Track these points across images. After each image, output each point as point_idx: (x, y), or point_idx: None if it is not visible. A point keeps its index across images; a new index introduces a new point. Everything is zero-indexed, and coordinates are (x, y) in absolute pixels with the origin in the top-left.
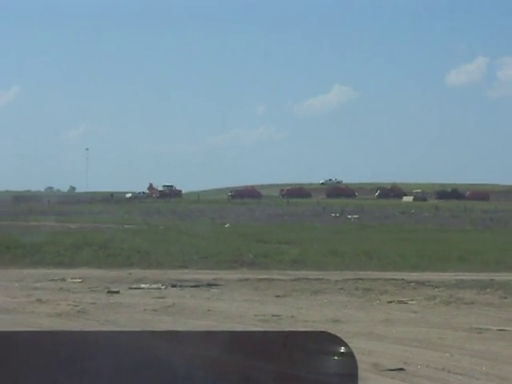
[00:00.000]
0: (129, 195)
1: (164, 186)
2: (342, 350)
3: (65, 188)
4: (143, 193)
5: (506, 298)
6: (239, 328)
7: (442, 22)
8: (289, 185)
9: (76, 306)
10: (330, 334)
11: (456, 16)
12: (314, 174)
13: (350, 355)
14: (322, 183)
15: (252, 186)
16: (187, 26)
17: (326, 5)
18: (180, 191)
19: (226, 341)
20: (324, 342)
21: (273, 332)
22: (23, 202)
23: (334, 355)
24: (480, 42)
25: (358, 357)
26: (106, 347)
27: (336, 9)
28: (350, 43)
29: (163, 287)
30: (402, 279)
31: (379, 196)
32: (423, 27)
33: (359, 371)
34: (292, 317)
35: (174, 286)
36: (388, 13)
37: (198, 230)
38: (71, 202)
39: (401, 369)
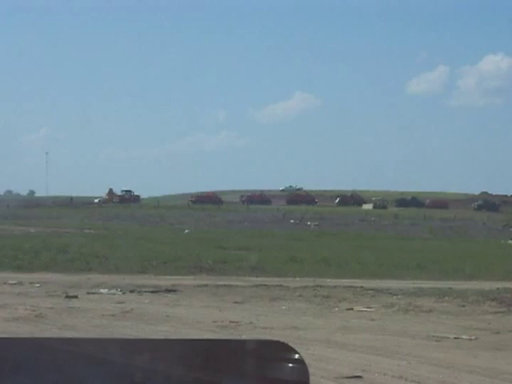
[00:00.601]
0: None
1: (122, 190)
2: (294, 358)
3: (24, 192)
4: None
5: (463, 306)
6: (197, 334)
7: (404, 31)
8: (249, 191)
9: (34, 310)
10: (281, 342)
11: (417, 25)
12: (274, 181)
13: (301, 363)
14: (283, 190)
15: (213, 192)
16: (148, 29)
17: (289, 11)
18: (138, 196)
19: (177, 349)
20: (276, 350)
21: (224, 340)
22: None
23: (286, 363)
24: (441, 50)
25: (315, 364)
26: (61, 353)
27: (298, 16)
28: (311, 51)
29: (122, 292)
30: (361, 287)
31: (339, 203)
32: (385, 36)
33: (317, 379)
34: (250, 323)
35: (132, 291)
36: (350, 21)
37: (158, 236)
38: (30, 206)
39: (358, 376)
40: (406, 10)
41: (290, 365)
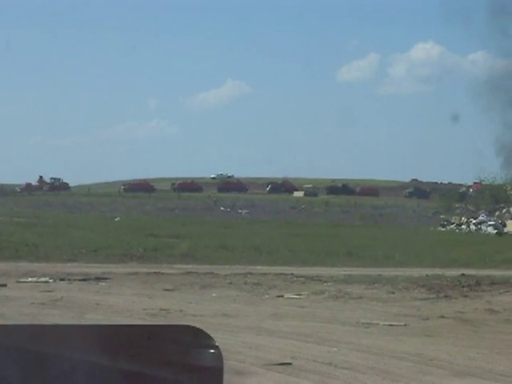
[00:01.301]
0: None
1: (51, 178)
2: (208, 343)
3: None
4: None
5: (393, 293)
6: (126, 322)
7: (335, 19)
8: (181, 179)
9: None
10: (194, 327)
11: (348, 12)
12: (205, 169)
13: (215, 349)
14: (214, 177)
15: (145, 180)
16: (81, 16)
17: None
18: (67, 184)
19: (87, 334)
20: (189, 335)
21: (137, 326)
22: None
23: (200, 349)
24: (372, 38)
25: (245, 351)
26: None
27: (230, 4)
28: (243, 38)
29: (51, 281)
30: (292, 274)
31: (270, 191)
32: (316, 23)
33: (247, 366)
34: (180, 311)
35: (62, 279)
36: (282, 8)
37: (88, 224)
38: None
39: (288, 363)
40: None
41: (204, 350)
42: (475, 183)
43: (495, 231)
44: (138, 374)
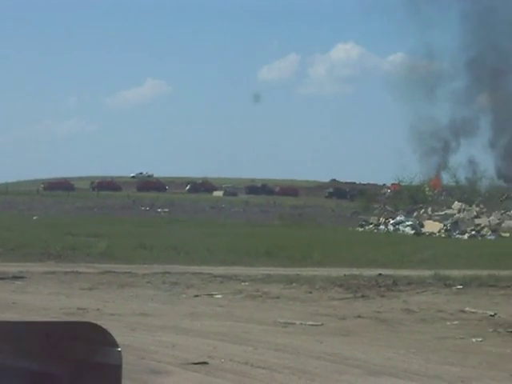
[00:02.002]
0: None
1: None
2: (107, 341)
3: None
4: None
5: (311, 292)
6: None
7: (255, 19)
8: (100, 177)
9: None
10: (94, 324)
11: (268, 13)
12: (125, 167)
13: (114, 346)
14: (133, 176)
15: (64, 179)
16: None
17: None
18: None
19: None
20: (88, 332)
21: (35, 322)
22: None
23: (99, 346)
24: (292, 39)
25: (162, 350)
26: None
27: (151, 2)
28: (164, 37)
29: None
30: (210, 273)
31: (190, 190)
32: (237, 23)
33: (164, 365)
34: (98, 310)
35: None
36: (203, 8)
37: (5, 222)
38: None
39: (205, 362)
40: None
41: (103, 347)
42: (393, 184)
43: (413, 231)
44: (36, 371)
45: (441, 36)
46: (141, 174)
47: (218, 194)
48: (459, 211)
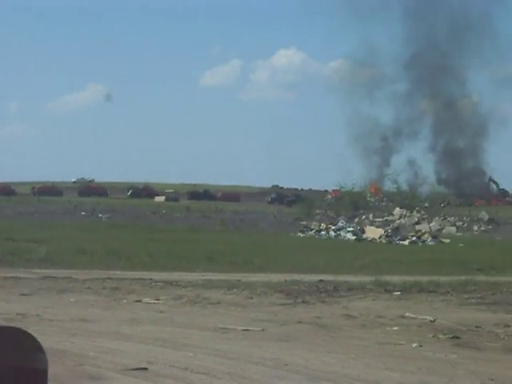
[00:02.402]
0: None
1: None
2: (33, 346)
3: None
4: None
5: (251, 298)
6: None
7: (198, 23)
8: (41, 183)
9: None
10: (21, 329)
11: (210, 18)
12: (66, 172)
13: (40, 351)
14: (74, 182)
15: (5, 183)
16: None
17: (84, 3)
18: None
19: None
20: (14, 337)
21: None
22: None
23: (25, 351)
24: (235, 44)
25: (102, 356)
26: None
27: (92, 6)
28: (105, 42)
29: None
30: (150, 279)
31: (131, 195)
32: (179, 28)
33: (103, 371)
34: (37, 315)
35: None
36: (145, 12)
37: None
38: None
39: (144, 368)
40: (200, 3)
41: (29, 352)
42: (334, 190)
43: (354, 237)
44: None
45: (383, 35)
46: (82, 178)
47: (160, 199)
48: (400, 217)
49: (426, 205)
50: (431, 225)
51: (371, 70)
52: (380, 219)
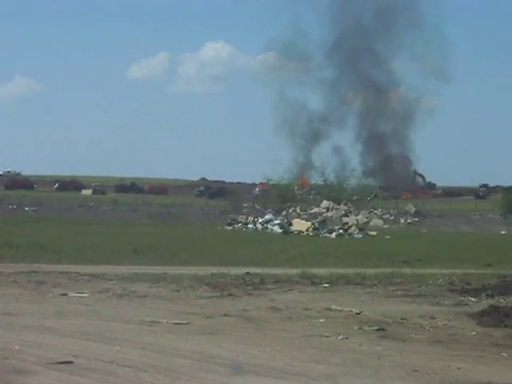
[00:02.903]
0: None
1: None
2: None
3: None
4: None
5: (178, 291)
6: None
7: (125, 16)
8: None
9: None
10: None
11: (138, 11)
12: None
13: None
14: (1, 174)
15: None
16: None
17: None
18: None
19: None
20: None
21: None
22: None
23: None
24: (162, 37)
25: (27, 350)
26: None
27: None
28: (32, 34)
29: None
30: (77, 272)
31: (58, 188)
32: (106, 20)
33: (28, 365)
34: None
35: None
36: (73, 4)
37: None
38: None
39: (69, 362)
40: None
41: None
42: (261, 183)
43: (281, 230)
44: None
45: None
46: (8, 171)
47: (87, 192)
48: (327, 210)
49: (354, 198)
50: (358, 217)
51: (298, 57)
52: (307, 212)
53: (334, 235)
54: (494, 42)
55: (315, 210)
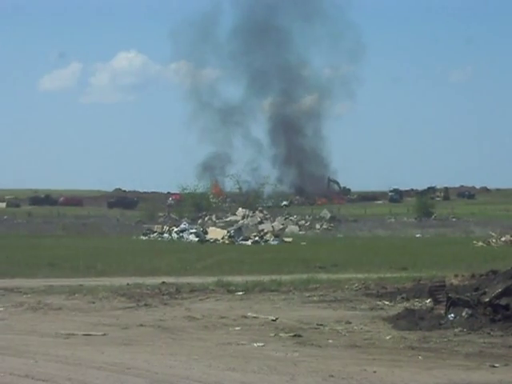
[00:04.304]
0: None
1: None
2: None
3: None
4: None
5: (93, 302)
6: None
7: (36, 26)
8: None
9: None
10: None
11: (50, 22)
12: None
13: None
14: None
15: None
16: None
17: None
18: None
19: None
20: None
21: None
22: None
23: None
24: (74, 48)
25: None
26: None
27: None
28: None
29: None
30: None
31: None
32: (17, 30)
33: None
34: None
35: None
36: None
37: None
38: None
39: None
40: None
41: None
42: (174, 194)
43: (197, 239)
44: None
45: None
46: None
47: (1, 205)
48: (243, 217)
49: (269, 204)
50: (274, 224)
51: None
52: (223, 220)
53: (249, 242)
54: (403, 50)
55: (231, 217)
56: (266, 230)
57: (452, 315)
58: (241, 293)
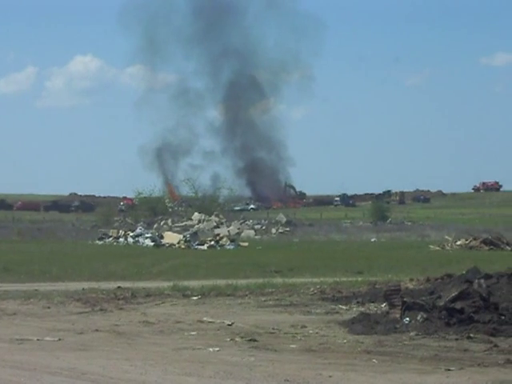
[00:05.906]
0: None
1: None
2: None
3: None
4: None
5: (49, 307)
6: None
7: None
8: None
9: None
10: None
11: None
12: None
13: None
14: None
15: None
16: None
17: None
18: None
19: None
20: None
21: None
22: None
23: None
24: (29, 51)
25: None
26: None
27: None
28: None
29: None
30: None
31: None
32: None
33: None
34: None
35: None
36: None
37: None
38: None
39: None
40: None
41: None
42: (126, 198)
43: (153, 243)
44: None
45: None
46: None
47: None
48: (199, 222)
49: (225, 209)
50: (230, 229)
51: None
52: (179, 224)
53: (205, 247)
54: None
55: (187, 222)
56: (221, 235)
57: (407, 319)
58: (196, 297)
